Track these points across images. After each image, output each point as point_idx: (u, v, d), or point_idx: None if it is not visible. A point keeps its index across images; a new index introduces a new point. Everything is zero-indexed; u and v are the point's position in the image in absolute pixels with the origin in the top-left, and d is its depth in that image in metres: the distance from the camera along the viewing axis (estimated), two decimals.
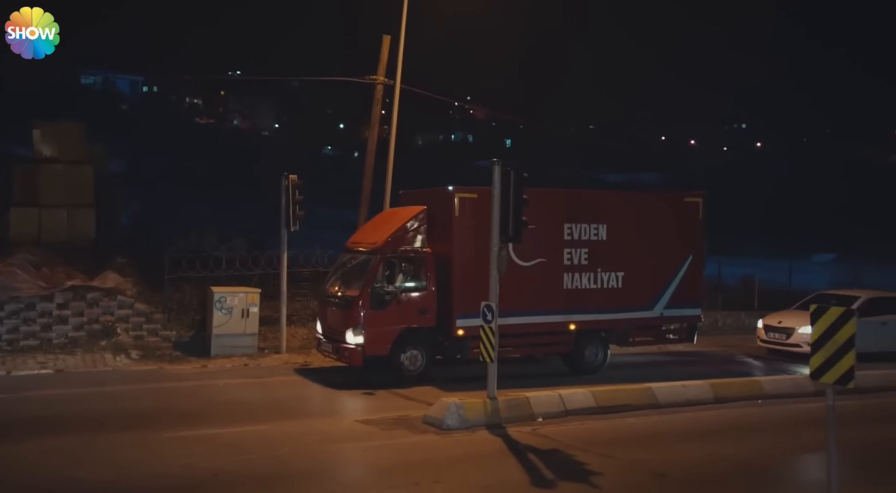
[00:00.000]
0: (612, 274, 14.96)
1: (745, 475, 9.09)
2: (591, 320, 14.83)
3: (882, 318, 17.66)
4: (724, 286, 23.74)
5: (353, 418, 11.28)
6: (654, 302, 15.35)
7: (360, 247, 14.31)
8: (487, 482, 8.68)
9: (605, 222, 14.92)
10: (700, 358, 17.59)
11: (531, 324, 14.43)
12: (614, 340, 15.43)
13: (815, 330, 7.23)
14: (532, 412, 11.28)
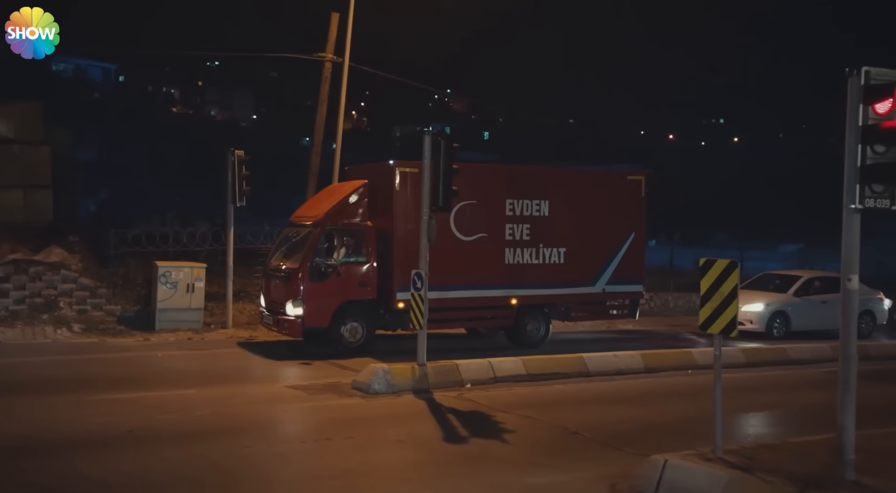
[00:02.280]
0: (553, 250, 15.16)
1: (654, 432, 9.30)
2: (533, 295, 15.03)
3: (822, 297, 18.02)
4: (679, 270, 24.05)
5: (283, 384, 11.42)
6: (596, 278, 15.57)
7: (303, 221, 14.43)
8: (400, 437, 8.86)
9: (548, 199, 15.11)
10: (646, 336, 17.87)
11: (472, 298, 14.62)
12: (556, 315, 15.65)
13: (704, 283, 7.44)
14: (461, 379, 11.47)
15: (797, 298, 17.95)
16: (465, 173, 14.72)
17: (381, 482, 7.16)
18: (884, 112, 6.52)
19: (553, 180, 15.63)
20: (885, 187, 6.61)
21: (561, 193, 15.30)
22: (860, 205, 6.65)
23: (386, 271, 13.91)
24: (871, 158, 6.59)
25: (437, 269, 13.74)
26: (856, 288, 7.00)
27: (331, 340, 13.69)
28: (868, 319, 18.51)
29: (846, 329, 7.11)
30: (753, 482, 6.81)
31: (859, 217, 6.84)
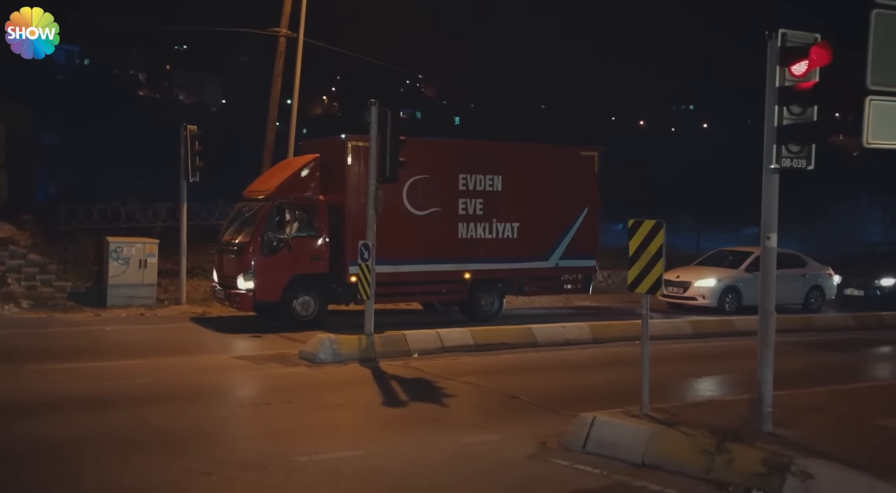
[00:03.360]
0: (507, 225, 15.29)
1: (592, 396, 9.42)
2: (487, 269, 15.16)
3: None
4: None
5: (231, 355, 11.43)
6: (549, 253, 15.73)
7: (255, 195, 14.41)
8: (339, 401, 8.95)
9: (501, 174, 15.22)
10: (601, 311, 18.06)
11: (426, 272, 14.71)
12: (510, 289, 15.80)
13: (632, 244, 7.58)
14: (408, 349, 11.56)
15: (748, 273, 18.22)
16: (417, 148, 14.84)
17: (311, 443, 7.23)
18: (800, 74, 6.69)
19: (506, 155, 15.73)
20: (801, 148, 6.78)
21: (514, 168, 15.40)
22: (777, 165, 6.82)
23: (338, 244, 13.94)
24: (788, 119, 6.76)
25: (391, 243, 13.86)
26: (774, 246, 7.18)
27: (283, 313, 13.72)
28: (818, 294, 18.93)
29: (765, 286, 7.30)
30: (675, 435, 7.01)
31: (777, 177, 7.02)
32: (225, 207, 17.40)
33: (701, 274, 18.20)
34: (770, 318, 7.29)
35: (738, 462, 6.49)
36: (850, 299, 19.64)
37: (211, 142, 19.30)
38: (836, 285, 19.55)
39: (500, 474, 6.63)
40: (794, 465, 6.22)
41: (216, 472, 6.37)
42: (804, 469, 6.16)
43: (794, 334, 14.77)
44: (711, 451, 6.67)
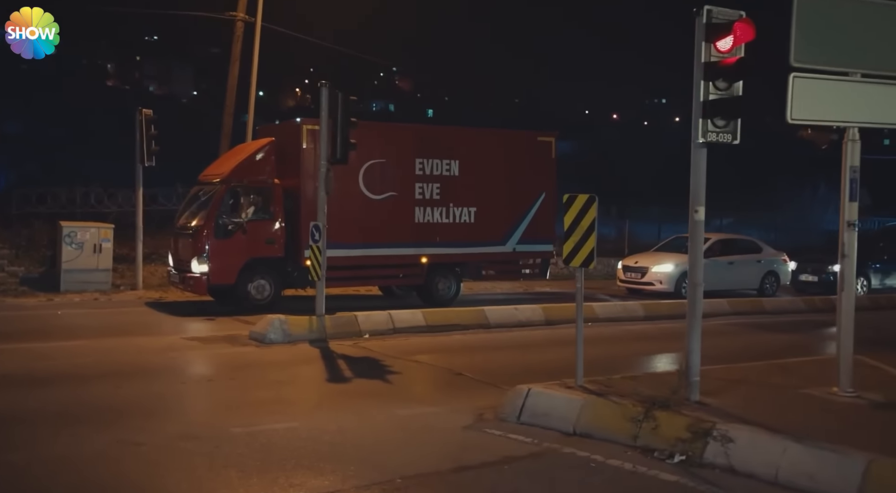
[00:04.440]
0: (464, 209, 15.38)
1: (536, 372, 9.45)
2: (443, 253, 15.25)
3: (729, 258, 18.66)
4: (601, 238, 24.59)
5: (180, 336, 11.42)
6: (506, 237, 15.84)
7: (210, 179, 14.37)
8: (282, 378, 8.99)
9: (458, 158, 15.30)
10: (560, 296, 18.19)
11: (383, 256, 14.77)
12: (468, 274, 15.90)
13: (567, 219, 7.69)
14: (359, 329, 11.63)
15: (705, 259, 18.40)
16: (374, 132, 14.91)
17: (248, 416, 7.27)
18: (725, 50, 6.83)
19: (463, 140, 15.81)
20: (727, 122, 6.93)
21: (471, 152, 15.49)
22: (704, 139, 6.97)
23: (294, 228, 13.95)
24: (714, 94, 6.91)
25: (347, 227, 13.93)
26: (702, 219, 7.33)
27: (238, 297, 13.71)
28: (772, 279, 19.26)
29: (693, 258, 7.46)
30: (605, 405, 7.15)
31: (705, 152, 7.17)
32: (183, 192, 17.31)
33: (658, 260, 18.43)
34: (698, 289, 7.46)
35: (663, 429, 6.64)
36: (805, 284, 19.99)
37: (182, 132, 19.34)
38: (792, 271, 19.89)
39: (432, 442, 6.72)
40: (715, 430, 6.39)
41: (147, 442, 6.39)
42: (725, 434, 6.32)
43: (743, 316, 15.09)
44: (639, 419, 6.81)
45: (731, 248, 19.08)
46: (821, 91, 7.15)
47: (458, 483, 5.76)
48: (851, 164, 7.44)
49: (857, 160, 7.44)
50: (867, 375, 8.69)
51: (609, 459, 6.35)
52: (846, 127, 7.35)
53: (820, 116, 7.25)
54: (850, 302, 7.70)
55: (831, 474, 5.74)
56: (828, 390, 7.69)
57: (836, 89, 7.23)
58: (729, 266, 18.48)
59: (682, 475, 6.04)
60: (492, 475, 5.96)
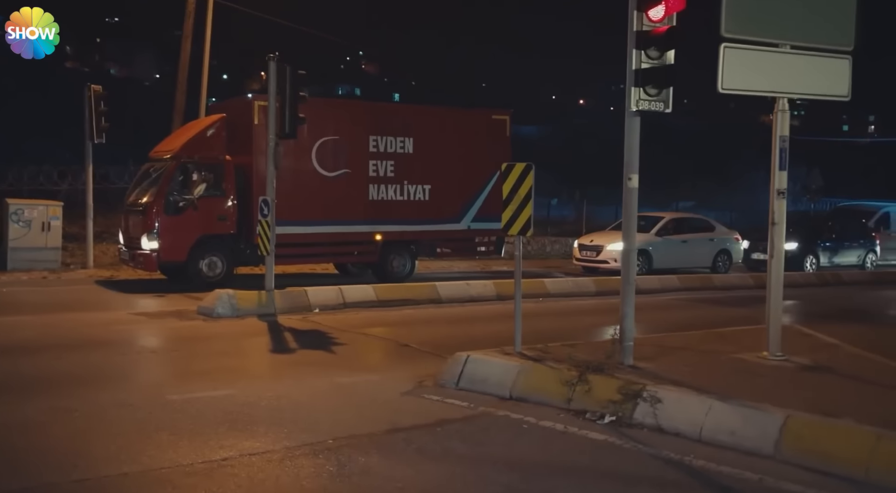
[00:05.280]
0: (418, 187, 15.41)
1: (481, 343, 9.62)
2: (398, 231, 15.27)
3: (683, 236, 18.97)
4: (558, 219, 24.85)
5: (127, 312, 11.33)
6: (461, 215, 15.91)
7: (160, 155, 14.23)
8: (227, 349, 8.99)
9: (412, 136, 15.31)
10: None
11: (337, 233, 14.75)
12: (422, 251, 15.96)
13: (505, 187, 7.78)
14: (309, 304, 11.64)
15: (659, 237, 18.75)
16: (327, 109, 14.88)
17: (186, 384, 7.27)
18: (656, 19, 6.94)
19: (417, 118, 15.81)
20: (659, 91, 7.05)
21: (425, 130, 15.50)
22: (636, 108, 7.08)
23: (246, 205, 13.86)
24: (646, 63, 7.02)
25: (300, 204, 13.90)
26: (635, 187, 7.44)
27: (190, 274, 13.62)
28: (725, 257, 19.61)
29: (627, 226, 7.58)
30: (541, 369, 7.27)
31: (638, 120, 7.28)
32: (135, 170, 17.09)
33: (613, 238, 18.61)
34: (632, 256, 7.59)
35: (596, 392, 6.78)
36: (757, 262, 20.35)
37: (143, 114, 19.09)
38: (744, 250, 20.26)
39: (369, 407, 6.79)
40: (645, 391, 6.54)
41: (79, 409, 6.37)
42: (654, 395, 6.48)
43: (693, 292, 15.38)
44: (573, 382, 6.94)
45: (685, 226, 19.38)
46: (751, 61, 7.30)
47: (389, 443, 5.84)
48: (781, 133, 7.61)
49: (786, 130, 7.62)
50: (800, 342, 8.96)
51: (541, 421, 6.48)
52: (776, 97, 7.52)
53: (750, 85, 7.40)
54: (779, 269, 7.90)
55: (751, 429, 5.93)
56: (758, 355, 7.91)
57: (766, 60, 7.38)
58: (682, 244, 18.79)
59: (610, 434, 6.19)
60: (423, 436, 6.05)
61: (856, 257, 21.34)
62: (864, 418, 5.85)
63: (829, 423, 5.82)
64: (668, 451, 5.81)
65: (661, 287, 15.41)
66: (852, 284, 18.09)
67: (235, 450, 5.53)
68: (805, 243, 20.36)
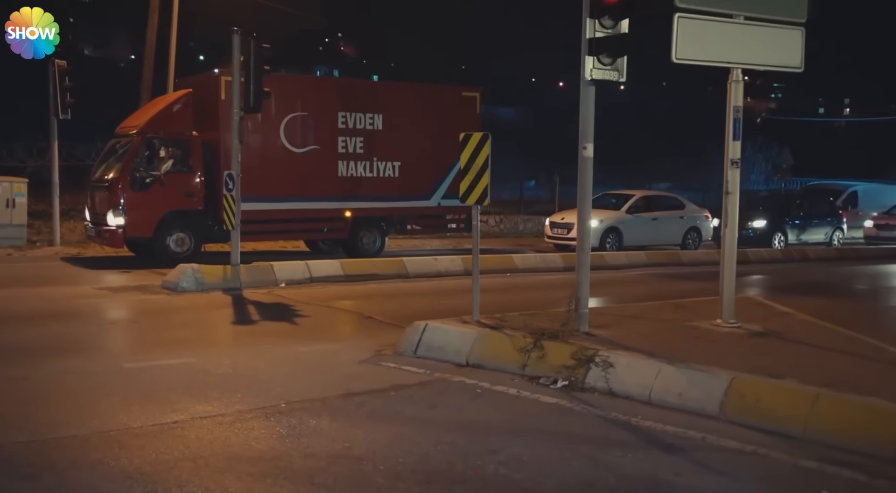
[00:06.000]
0: (388, 163, 15.41)
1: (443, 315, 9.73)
2: (368, 207, 15.29)
3: (653, 214, 19.13)
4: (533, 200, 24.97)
5: (92, 286, 11.27)
6: (431, 192, 15.94)
7: (127, 131, 14.12)
8: (189, 321, 9.00)
9: (382, 112, 15.28)
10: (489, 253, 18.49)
11: (306, 210, 14.75)
12: (392, 228, 15.99)
13: (463, 157, 7.86)
14: (275, 278, 11.65)
15: (629, 215, 18.90)
16: (296, 85, 14.81)
17: (143, 353, 7.29)
18: None
19: (387, 94, 15.78)
20: (613, 60, 7.11)
21: (395, 107, 15.48)
22: (591, 77, 7.14)
23: (214, 181, 13.79)
24: (600, 31, 7.06)
25: (269, 180, 13.88)
26: (590, 156, 7.50)
27: (157, 251, 13.57)
28: (694, 234, 19.81)
29: (582, 195, 7.65)
30: (497, 337, 7.36)
31: (593, 90, 7.34)
32: (102, 147, 16.93)
33: None
34: (586, 224, 7.68)
35: (550, 358, 6.88)
36: None
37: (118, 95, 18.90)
38: (713, 228, 20.45)
39: (325, 374, 6.84)
40: (598, 356, 6.65)
41: (32, 377, 6.38)
42: (606, 359, 6.58)
43: (660, 267, 15.55)
44: (528, 349, 7.04)
45: (655, 204, 19.55)
46: (705, 32, 7.37)
47: (341, 407, 5.90)
48: (735, 104, 7.71)
49: (739, 101, 7.71)
50: (756, 311, 9.13)
51: (495, 385, 6.57)
52: (730, 68, 7.60)
53: (704, 55, 7.47)
54: (733, 237, 8.03)
55: (698, 391, 6.06)
56: (712, 323, 8.04)
57: (720, 30, 7.46)
58: (653, 222, 18.97)
59: (562, 397, 6.29)
60: (376, 400, 6.11)
61: (823, 234, 21.65)
62: (806, 379, 6.01)
63: (772, 383, 5.96)
64: (616, 413, 5.92)
65: (628, 263, 15.57)
66: (817, 260, 18.36)
67: (187, 414, 5.56)
68: (774, 221, 20.64)
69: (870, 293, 13.51)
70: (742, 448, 5.23)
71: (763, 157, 31.34)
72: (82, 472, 4.49)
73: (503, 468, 4.77)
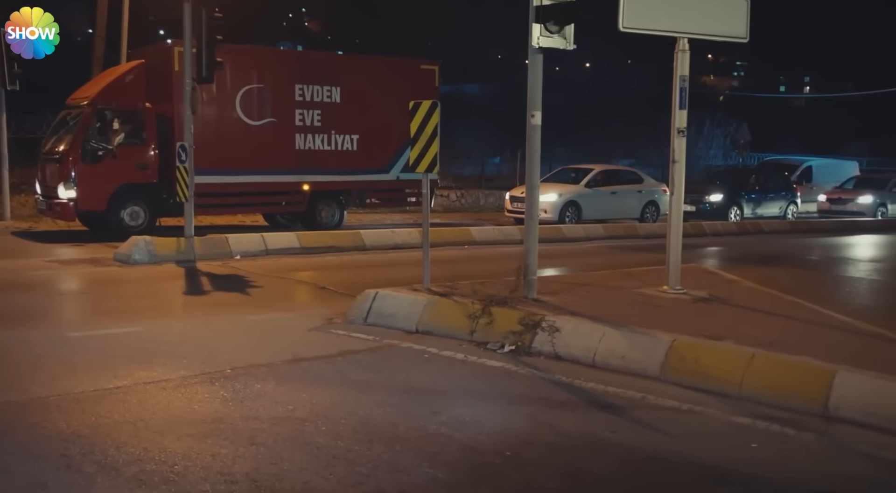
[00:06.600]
0: (346, 136, 15.33)
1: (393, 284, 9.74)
2: (326, 181, 15.21)
3: (612, 188, 19.31)
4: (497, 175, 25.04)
5: (42, 259, 11.09)
6: (390, 166, 15.90)
7: (78, 102, 13.84)
8: (139, 292, 8.92)
9: (339, 85, 15.16)
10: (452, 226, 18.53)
11: (263, 183, 14.63)
12: (351, 202, 15.94)
13: (413, 126, 7.84)
14: (230, 250, 11.58)
15: (588, 189, 19.05)
16: (251, 57, 14.61)
17: (91, 323, 7.22)
18: None
19: (344, 67, 15.66)
20: (560, 27, 7.14)
21: (353, 79, 15.36)
22: (538, 44, 7.16)
23: (169, 154, 13.57)
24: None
25: (225, 153, 13.74)
26: (538, 124, 7.55)
27: (111, 224, 13.38)
28: (653, 208, 20.03)
29: (530, 165, 7.70)
30: (447, 304, 7.42)
31: (541, 57, 7.38)
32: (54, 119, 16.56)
33: (544, 190, 18.57)
34: (535, 191, 7.74)
35: (498, 323, 6.96)
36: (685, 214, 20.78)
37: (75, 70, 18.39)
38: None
39: (273, 341, 6.85)
40: (545, 321, 6.75)
41: None
42: (553, 324, 6.69)
43: (617, 240, 15.74)
44: (477, 315, 7.10)
45: (614, 178, 19.73)
46: (651, 1, 7.43)
47: (288, 372, 5.93)
48: (681, 73, 7.80)
49: (686, 70, 7.80)
50: (703, 279, 9.32)
51: (443, 351, 6.64)
52: (677, 37, 7.68)
53: (651, 24, 7.53)
54: (679, 205, 8.18)
55: (640, 353, 6.19)
56: (658, 289, 8.20)
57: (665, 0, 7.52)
58: (611, 196, 19.15)
59: (508, 361, 6.38)
60: (323, 365, 6.15)
61: (778, 208, 22.07)
62: (743, 340, 6.18)
63: (711, 345, 6.11)
64: (560, 375, 6.03)
65: (585, 236, 15.75)
66: (771, 232, 18.73)
67: (130, 380, 5.54)
68: (730, 195, 20.98)
69: (817, 264, 13.84)
70: (679, 407, 5.37)
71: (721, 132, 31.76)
72: (19, 435, 4.47)
73: (444, 427, 4.84)
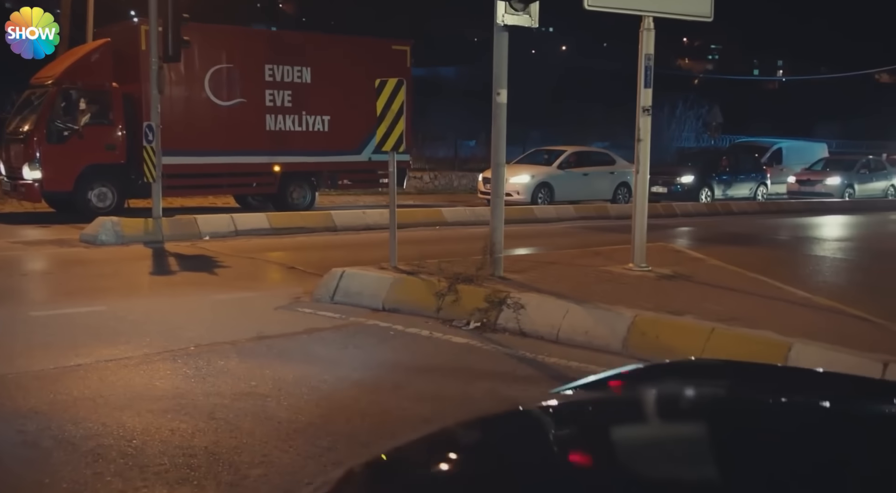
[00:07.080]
0: (317, 117, 15.24)
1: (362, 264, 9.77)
2: (297, 162, 15.13)
3: (584, 169, 19.41)
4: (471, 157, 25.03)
5: (6, 240, 10.95)
6: (361, 147, 15.84)
7: (42, 81, 13.62)
8: (105, 272, 8.84)
9: (310, 65, 15.06)
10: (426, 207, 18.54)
11: (233, 164, 14.52)
12: (323, 183, 15.88)
13: (379, 104, 7.82)
14: (199, 231, 11.51)
15: (561, 170, 19.13)
16: (220, 36, 14.45)
17: (55, 302, 7.16)
18: None
19: (315, 47, 15.54)
20: (525, 5, 7.14)
21: (324, 60, 15.26)
22: (503, 22, 7.16)
23: (136, 134, 13.38)
24: None
25: (194, 134, 13.60)
26: (504, 102, 7.56)
27: (78, 205, 13.23)
28: (625, 190, 20.13)
29: (496, 142, 7.72)
30: (413, 282, 7.45)
31: (507, 35, 7.38)
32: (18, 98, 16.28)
33: (516, 171, 18.89)
34: (501, 170, 7.77)
35: (464, 301, 7.00)
36: (656, 195, 21.02)
37: None
38: None
39: (239, 319, 6.83)
40: (510, 298, 6.80)
41: None
42: (518, 301, 6.74)
43: (588, 221, 15.84)
44: (443, 293, 7.14)
45: (586, 160, 19.82)
46: None
47: (252, 349, 5.93)
48: (647, 52, 7.84)
49: (651, 48, 7.84)
50: (669, 257, 9.42)
51: (409, 328, 6.66)
52: (641, 15, 7.72)
53: (615, 3, 7.57)
54: (644, 183, 8.26)
55: (603, 329, 6.26)
56: (624, 267, 8.29)
57: None
58: (583, 177, 19.24)
59: (473, 338, 6.42)
60: (287, 343, 6.15)
61: (748, 189, 22.32)
62: (704, 315, 6.27)
63: (672, 320, 6.20)
64: (524, 351, 6.09)
65: (557, 216, 15.83)
66: (740, 213, 18.96)
67: (91, 358, 5.51)
68: (701, 176, 21.17)
69: (783, 243, 14.04)
70: None
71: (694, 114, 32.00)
72: None
73: (406, 401, 4.88)
